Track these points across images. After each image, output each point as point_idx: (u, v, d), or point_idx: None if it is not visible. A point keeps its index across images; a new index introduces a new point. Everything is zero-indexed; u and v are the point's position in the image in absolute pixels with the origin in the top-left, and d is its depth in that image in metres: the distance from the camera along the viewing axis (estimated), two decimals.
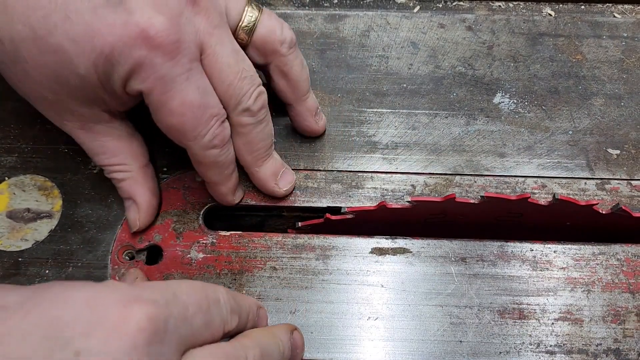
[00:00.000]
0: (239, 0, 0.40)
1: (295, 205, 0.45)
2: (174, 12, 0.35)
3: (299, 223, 0.45)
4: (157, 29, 0.34)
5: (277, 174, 0.44)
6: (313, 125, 0.46)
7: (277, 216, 0.48)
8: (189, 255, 0.43)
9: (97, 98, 0.38)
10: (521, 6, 0.53)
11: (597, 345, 0.40)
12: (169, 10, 0.35)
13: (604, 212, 0.43)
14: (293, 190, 0.45)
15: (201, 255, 0.43)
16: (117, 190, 0.43)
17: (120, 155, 0.41)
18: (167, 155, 0.46)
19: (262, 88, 0.40)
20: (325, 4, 0.52)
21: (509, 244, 0.43)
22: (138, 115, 0.42)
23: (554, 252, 0.43)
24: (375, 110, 0.48)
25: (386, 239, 0.43)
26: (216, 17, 0.38)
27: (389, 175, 0.45)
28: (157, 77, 0.35)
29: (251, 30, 0.40)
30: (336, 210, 0.44)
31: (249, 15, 0.40)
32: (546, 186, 0.45)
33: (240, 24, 0.40)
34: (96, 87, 0.36)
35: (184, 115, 0.36)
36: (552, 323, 0.41)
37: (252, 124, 0.40)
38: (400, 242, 0.43)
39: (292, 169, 0.45)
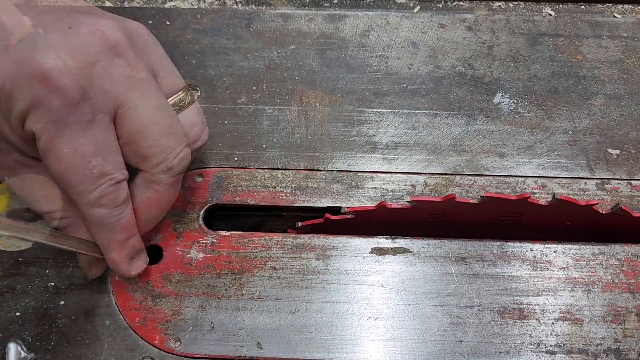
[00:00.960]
0: (175, 79, 0.39)
1: (295, 205, 0.45)
2: (87, 59, 0.33)
3: (299, 223, 0.45)
4: (60, 71, 0.32)
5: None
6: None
7: (277, 216, 0.48)
8: (189, 255, 0.43)
9: (7, 140, 0.36)
10: (521, 6, 0.53)
11: (597, 345, 0.40)
12: (82, 56, 0.33)
13: (604, 212, 0.43)
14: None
15: (201, 255, 0.43)
16: None
17: (55, 202, 0.38)
18: None
19: (188, 150, 0.38)
20: (325, 4, 0.52)
21: (509, 244, 0.43)
22: None
23: (554, 252, 0.43)
24: (375, 110, 0.48)
25: (386, 239, 0.43)
26: (142, 72, 0.36)
27: (389, 175, 0.45)
28: (51, 120, 0.33)
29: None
30: (336, 210, 0.44)
31: (177, 99, 0.39)
32: (546, 186, 0.45)
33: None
34: (2, 127, 0.35)
35: (71, 166, 0.34)
36: (552, 323, 0.41)
37: (169, 184, 0.38)
38: (400, 242, 0.43)
39: (292, 169, 0.45)
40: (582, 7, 0.52)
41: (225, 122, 0.47)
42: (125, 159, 0.36)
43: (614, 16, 0.52)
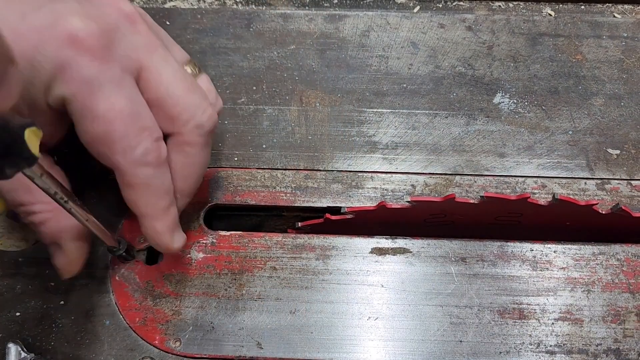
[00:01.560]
0: (182, 52, 0.39)
1: (295, 205, 0.45)
2: (107, 23, 0.34)
3: (299, 223, 0.45)
4: (87, 32, 0.33)
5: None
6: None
7: (277, 216, 0.48)
8: (189, 255, 0.43)
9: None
10: (521, 6, 0.53)
11: (597, 345, 0.40)
12: (103, 20, 0.34)
13: (604, 212, 0.43)
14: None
15: (201, 255, 0.43)
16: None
17: (35, 192, 0.34)
18: None
19: (214, 110, 0.38)
20: (325, 4, 0.52)
21: (509, 244, 0.43)
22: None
23: (554, 252, 0.43)
24: (375, 110, 0.48)
25: (386, 239, 0.43)
26: (156, 42, 0.36)
27: (389, 175, 0.45)
28: (83, 79, 0.33)
29: None
30: (336, 210, 0.44)
31: (189, 68, 0.39)
32: (546, 186, 0.45)
33: None
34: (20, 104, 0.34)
35: (112, 122, 0.33)
36: (552, 323, 0.41)
37: (201, 145, 0.37)
38: (400, 242, 0.43)
39: (292, 169, 0.45)
40: (582, 7, 0.52)
41: (225, 122, 0.47)
42: None
43: (614, 16, 0.52)
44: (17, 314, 0.41)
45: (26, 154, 0.28)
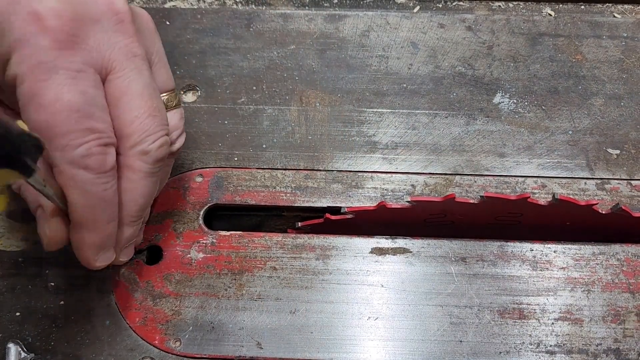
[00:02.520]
0: (168, 79, 0.38)
1: (295, 205, 0.45)
2: (89, 12, 0.32)
3: (299, 223, 0.45)
4: (55, 13, 0.31)
5: (126, 244, 0.37)
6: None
7: (277, 216, 0.48)
8: (189, 255, 0.43)
9: None
10: (521, 6, 0.53)
11: (597, 345, 0.40)
12: (84, 8, 0.32)
13: (604, 212, 0.43)
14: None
15: (201, 255, 0.43)
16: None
17: None
18: None
19: (168, 139, 0.36)
20: (325, 4, 0.52)
21: (509, 244, 0.43)
22: None
23: (554, 252, 0.43)
24: (375, 110, 0.48)
25: (386, 239, 0.43)
26: (139, 49, 0.35)
27: (389, 175, 0.45)
28: (38, 61, 0.30)
29: None
30: (336, 210, 0.44)
31: (165, 98, 0.37)
32: (546, 186, 0.45)
33: None
34: None
35: (56, 115, 0.31)
36: (552, 323, 0.41)
37: (143, 173, 0.35)
38: (400, 242, 0.43)
39: (292, 169, 0.45)
40: (582, 7, 0.52)
41: (225, 122, 0.47)
42: None
43: (614, 16, 0.52)
44: (17, 314, 0.41)
45: (34, 141, 0.28)
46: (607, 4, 0.52)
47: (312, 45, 0.50)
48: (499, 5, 0.53)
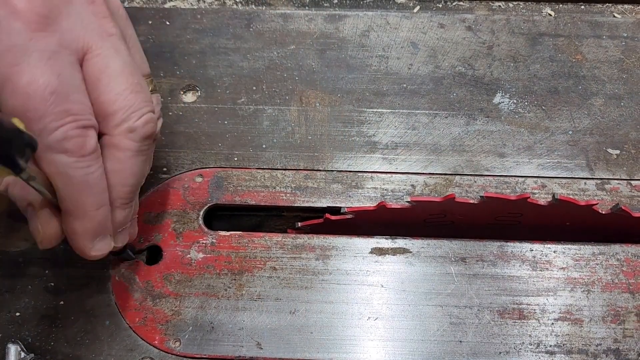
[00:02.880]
0: (143, 63, 0.37)
1: (295, 205, 0.45)
2: None
3: (299, 223, 0.45)
4: None
5: (118, 228, 0.35)
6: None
7: (277, 216, 0.48)
8: (188, 255, 0.43)
9: None
10: (521, 6, 0.53)
11: (597, 345, 0.40)
12: None
13: (604, 212, 0.43)
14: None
15: (201, 255, 0.43)
16: None
17: None
18: (167, 155, 0.46)
19: (154, 115, 0.35)
20: (325, 4, 0.52)
21: (509, 244, 0.43)
22: None
23: (554, 252, 0.43)
24: (375, 110, 0.48)
25: (386, 239, 0.43)
26: (114, 28, 0.34)
27: (389, 175, 0.45)
28: (10, 44, 0.30)
29: None
30: (336, 210, 0.44)
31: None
32: (546, 186, 0.45)
33: None
34: None
35: (31, 97, 0.30)
36: (552, 323, 0.41)
37: (131, 151, 0.34)
38: (400, 242, 0.43)
39: (292, 169, 0.45)
40: (582, 7, 0.52)
41: (225, 122, 0.47)
42: None
43: (614, 16, 0.52)
44: (17, 314, 0.41)
45: (27, 139, 0.28)
46: (607, 4, 0.52)
47: (312, 45, 0.50)
48: (499, 5, 0.53)
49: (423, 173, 0.46)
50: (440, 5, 0.52)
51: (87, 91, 0.32)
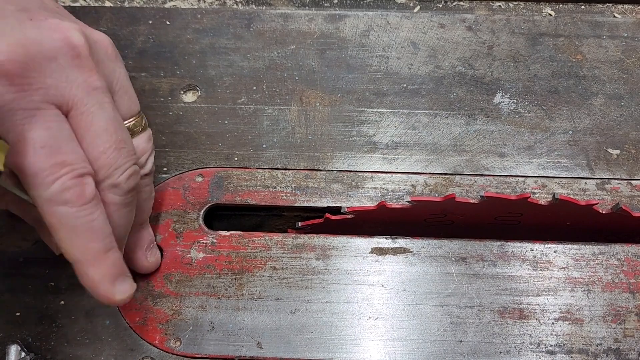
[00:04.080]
0: (132, 103, 0.37)
1: (295, 205, 0.45)
2: (42, 50, 0.31)
3: (299, 223, 0.45)
4: (7, 57, 0.30)
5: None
6: (142, 261, 0.40)
7: (277, 216, 0.48)
8: (189, 255, 0.43)
9: None
10: (521, 6, 0.53)
11: (597, 345, 0.40)
12: (37, 46, 0.31)
13: (604, 212, 0.43)
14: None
15: (201, 255, 0.43)
16: None
17: None
18: (167, 155, 0.46)
19: (137, 168, 0.36)
20: (325, 4, 0.52)
21: (509, 244, 0.43)
22: None
23: (554, 252, 0.43)
24: (375, 110, 0.48)
25: (386, 239, 0.43)
26: (99, 81, 0.34)
27: (389, 175, 0.45)
28: None
29: None
30: (336, 210, 0.44)
31: (131, 124, 0.37)
32: (546, 186, 0.45)
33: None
34: None
35: (23, 155, 0.30)
36: (552, 323, 0.41)
37: (118, 204, 0.35)
38: (400, 242, 0.43)
39: (293, 169, 0.45)
40: (582, 7, 0.52)
41: (225, 122, 0.47)
42: None
43: (614, 16, 0.52)
44: (17, 314, 0.41)
45: None
46: (607, 4, 0.52)
47: (313, 45, 0.50)
48: (499, 5, 0.53)
49: (423, 173, 0.46)
50: (441, 5, 0.52)
51: None
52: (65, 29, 0.33)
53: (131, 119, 0.37)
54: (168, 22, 0.51)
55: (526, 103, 0.48)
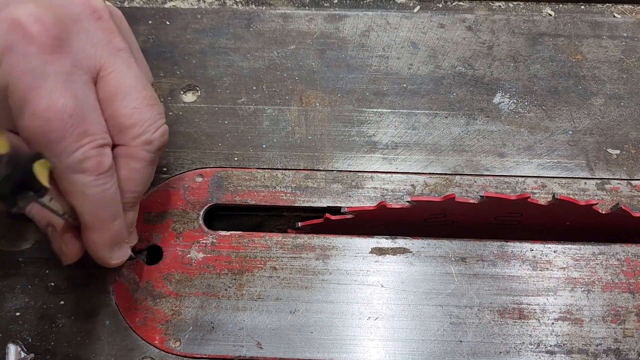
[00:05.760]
0: (148, 72, 0.38)
1: (295, 205, 0.45)
2: (68, 13, 0.32)
3: (299, 223, 0.45)
4: (36, 18, 0.30)
5: (129, 229, 0.37)
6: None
7: (277, 216, 0.48)
8: (189, 255, 0.43)
9: None
10: (521, 6, 0.53)
11: (597, 345, 0.40)
12: (62, 10, 0.32)
13: (604, 212, 0.43)
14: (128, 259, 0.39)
15: (201, 255, 0.43)
16: None
17: None
18: (167, 155, 0.46)
19: (167, 127, 0.36)
20: (325, 4, 0.52)
21: (509, 244, 0.43)
22: None
23: (554, 252, 0.43)
24: (375, 110, 0.48)
25: (386, 239, 0.43)
26: (122, 42, 0.34)
27: (389, 175, 0.45)
28: (26, 68, 0.30)
29: None
30: (336, 210, 0.44)
31: None
32: (546, 186, 0.45)
33: None
34: None
35: (50, 121, 0.31)
36: (552, 323, 0.41)
37: (147, 161, 0.35)
38: (400, 242, 0.43)
39: (292, 169, 0.45)
40: (582, 7, 0.52)
41: (225, 122, 0.47)
42: None
43: (614, 16, 0.52)
44: (17, 314, 0.41)
45: (37, 186, 0.28)
46: (607, 4, 0.52)
47: (312, 45, 0.50)
48: (499, 5, 0.53)
49: (423, 173, 0.46)
50: (440, 5, 0.52)
51: (103, 107, 0.34)
52: None
53: None
54: (168, 22, 0.51)
55: (526, 103, 0.48)
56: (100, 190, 0.33)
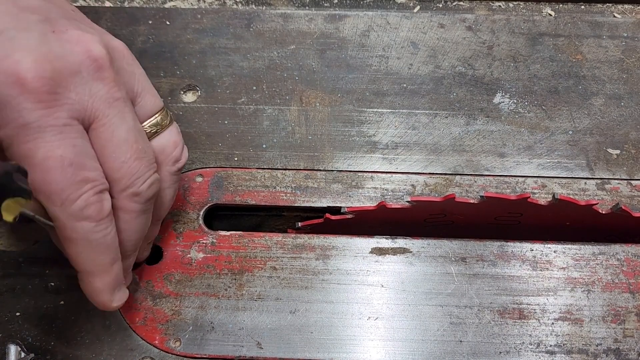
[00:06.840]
0: (156, 100, 0.38)
1: (295, 205, 0.45)
2: (67, 65, 0.32)
3: (299, 223, 0.45)
4: (35, 74, 0.30)
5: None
6: (142, 251, 0.41)
7: (277, 216, 0.48)
8: (189, 255, 0.43)
9: None
10: (521, 6, 0.53)
11: (597, 345, 0.40)
12: (62, 61, 0.32)
13: (604, 212, 0.43)
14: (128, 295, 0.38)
15: (201, 255, 0.43)
16: None
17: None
18: None
19: (158, 177, 0.36)
20: (325, 4, 0.52)
21: (509, 244, 0.43)
22: None
23: (554, 252, 0.43)
24: (375, 110, 0.48)
25: (386, 239, 0.43)
26: (120, 92, 0.34)
27: (389, 175, 0.45)
28: (21, 123, 0.31)
29: (152, 134, 0.37)
30: (336, 210, 0.44)
31: (159, 119, 0.38)
32: (546, 186, 0.45)
33: (145, 122, 0.37)
34: None
35: (50, 171, 0.31)
36: (552, 323, 0.41)
37: (137, 212, 0.36)
38: (400, 242, 0.43)
39: (293, 169, 0.45)
40: (582, 7, 0.52)
41: (225, 122, 0.47)
42: None
43: (614, 16, 0.52)
44: (17, 314, 0.41)
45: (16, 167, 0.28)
46: (607, 4, 0.52)
47: (312, 45, 0.50)
48: (499, 5, 0.53)
49: (423, 173, 0.46)
50: (440, 5, 0.52)
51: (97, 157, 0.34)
52: (87, 42, 0.33)
53: (156, 115, 0.38)
54: (168, 22, 0.51)
55: (526, 103, 0.48)
56: (102, 236, 0.34)
